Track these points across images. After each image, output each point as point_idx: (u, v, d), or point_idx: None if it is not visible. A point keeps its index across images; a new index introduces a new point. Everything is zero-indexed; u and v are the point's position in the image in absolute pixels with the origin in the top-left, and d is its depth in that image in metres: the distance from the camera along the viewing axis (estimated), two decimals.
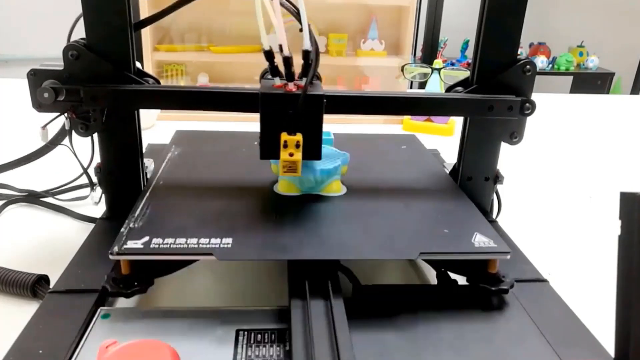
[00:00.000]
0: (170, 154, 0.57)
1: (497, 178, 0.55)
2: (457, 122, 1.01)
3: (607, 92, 2.75)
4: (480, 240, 0.41)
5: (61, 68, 0.45)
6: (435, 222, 0.44)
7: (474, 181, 0.54)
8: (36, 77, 0.45)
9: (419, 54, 2.58)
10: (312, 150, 0.44)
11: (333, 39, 1.10)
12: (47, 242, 0.54)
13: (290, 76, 0.43)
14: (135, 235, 0.39)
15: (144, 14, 0.97)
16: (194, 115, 1.05)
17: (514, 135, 0.52)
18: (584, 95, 1.44)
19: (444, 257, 0.41)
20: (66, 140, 0.49)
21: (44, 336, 0.35)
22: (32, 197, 0.62)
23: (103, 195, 0.52)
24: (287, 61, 0.42)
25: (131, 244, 0.38)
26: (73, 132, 0.48)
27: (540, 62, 2.73)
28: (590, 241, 0.61)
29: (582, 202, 0.72)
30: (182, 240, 0.39)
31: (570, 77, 2.83)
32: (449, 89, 0.53)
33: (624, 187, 0.48)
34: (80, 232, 0.55)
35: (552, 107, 1.27)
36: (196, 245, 0.38)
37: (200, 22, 1.10)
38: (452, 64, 2.30)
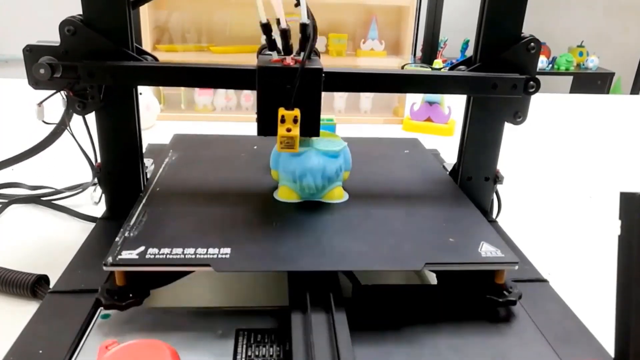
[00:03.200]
0: (168, 159, 0.56)
1: (497, 178, 0.54)
2: (457, 122, 1.01)
3: (607, 92, 2.75)
4: (487, 249, 0.40)
5: (58, 44, 0.44)
6: (441, 230, 0.43)
7: (474, 181, 0.54)
8: (32, 54, 0.44)
9: (419, 54, 2.57)
10: (311, 126, 0.43)
11: (333, 39, 1.10)
12: (48, 242, 0.54)
13: (287, 49, 0.42)
14: (130, 245, 0.38)
15: (144, 12, 0.97)
16: (194, 116, 1.05)
17: (518, 114, 0.51)
18: (584, 95, 1.44)
19: (449, 268, 0.39)
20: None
21: (44, 336, 0.35)
22: (35, 197, 0.62)
23: (103, 195, 0.52)
24: (285, 34, 0.42)
25: (126, 255, 0.36)
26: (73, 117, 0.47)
27: (540, 62, 2.73)
28: (590, 241, 0.61)
29: (582, 202, 0.72)
30: (179, 250, 0.37)
31: (570, 77, 2.82)
32: (452, 68, 0.52)
33: (624, 187, 0.48)
34: (80, 232, 0.55)
35: (552, 107, 1.27)
36: (193, 256, 0.37)
37: (200, 22, 1.10)
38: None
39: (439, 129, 1.01)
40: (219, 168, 0.55)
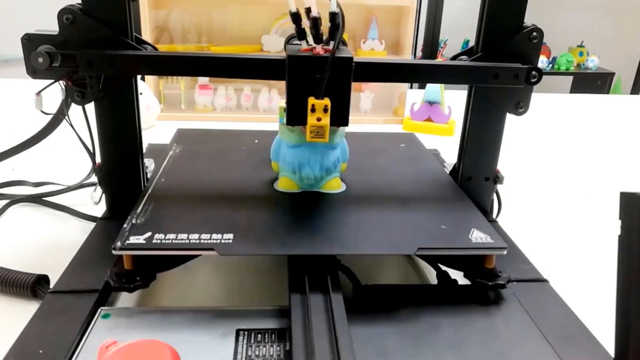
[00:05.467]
0: (172, 152, 0.58)
1: (497, 178, 0.54)
2: (457, 122, 1.01)
3: (607, 92, 2.75)
4: (478, 236, 0.42)
5: (57, 33, 0.44)
6: (433, 219, 0.45)
7: (474, 181, 0.54)
8: (30, 43, 0.43)
9: (419, 53, 2.57)
10: (340, 115, 0.43)
11: None
12: (48, 242, 0.54)
13: (318, 38, 0.42)
14: (137, 231, 0.39)
15: (144, 12, 0.97)
16: (194, 116, 1.05)
17: (520, 105, 0.50)
18: (584, 95, 1.44)
19: (441, 253, 0.41)
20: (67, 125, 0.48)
21: (44, 336, 0.35)
22: (35, 197, 0.62)
23: (103, 195, 0.52)
24: (316, 22, 0.41)
25: (134, 239, 0.38)
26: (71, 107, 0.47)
27: (540, 62, 2.73)
28: (590, 241, 0.61)
29: (582, 202, 0.72)
30: (184, 235, 0.39)
31: (570, 77, 2.82)
32: (454, 58, 0.52)
33: (624, 187, 0.48)
34: (80, 232, 0.55)
35: (552, 107, 1.27)
36: (198, 241, 0.39)
37: (200, 22, 1.10)
38: None
39: (439, 129, 1.01)
40: (222, 161, 0.56)
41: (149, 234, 0.39)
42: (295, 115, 0.43)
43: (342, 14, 0.42)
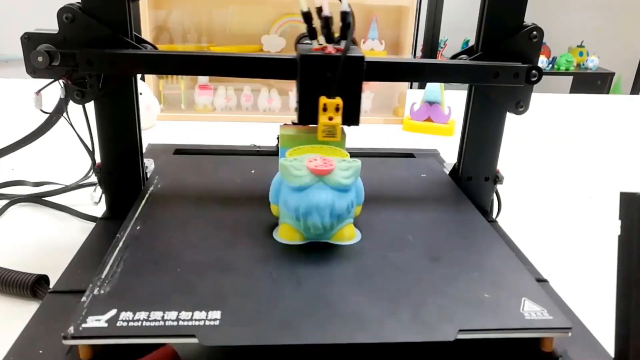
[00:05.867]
0: (153, 188, 0.50)
1: (497, 178, 0.54)
2: (457, 122, 1.01)
3: (607, 92, 2.75)
4: (531, 309, 0.33)
5: (56, 32, 0.44)
6: (472, 282, 0.37)
7: (474, 181, 0.54)
8: (30, 42, 0.44)
9: (419, 53, 2.57)
10: (351, 115, 0.43)
11: None
12: (48, 242, 0.54)
13: (330, 37, 0.42)
14: (99, 306, 0.31)
15: (144, 12, 0.97)
16: (194, 116, 1.05)
17: (520, 104, 0.50)
18: (584, 95, 1.44)
19: (488, 335, 0.32)
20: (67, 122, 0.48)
21: (44, 336, 0.35)
22: (35, 197, 0.62)
23: (103, 195, 0.52)
24: (327, 22, 0.41)
25: (92, 322, 0.30)
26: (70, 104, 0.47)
27: (540, 62, 2.72)
28: (590, 241, 0.60)
29: (582, 202, 0.72)
30: (159, 314, 0.31)
31: (570, 77, 2.82)
32: (454, 57, 0.52)
33: (624, 187, 0.48)
34: (80, 232, 0.55)
35: (552, 107, 1.27)
36: (175, 323, 0.30)
37: (200, 22, 1.10)
38: None
39: (439, 129, 1.01)
40: (210, 200, 0.49)
41: (113, 311, 0.31)
42: (306, 114, 0.43)
43: (352, 13, 0.42)
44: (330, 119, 0.42)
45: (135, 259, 0.38)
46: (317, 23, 0.42)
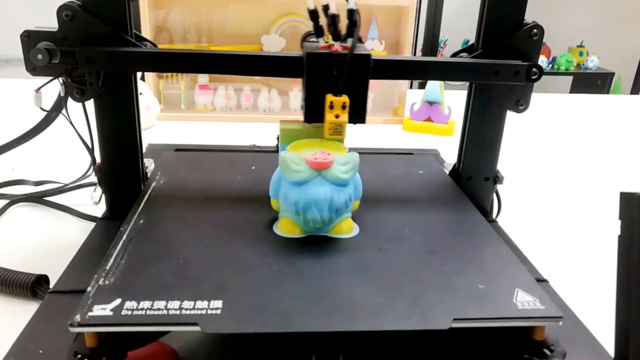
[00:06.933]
0: (155, 184, 0.51)
1: (497, 178, 0.54)
2: (457, 122, 1.01)
3: (607, 92, 2.75)
4: (524, 299, 0.34)
5: (56, 30, 0.44)
6: (467, 273, 0.38)
7: (473, 181, 0.54)
8: (30, 39, 0.43)
9: (418, 53, 2.57)
10: (358, 112, 0.43)
11: None
12: (48, 242, 0.54)
13: (337, 35, 0.42)
14: (104, 296, 0.32)
15: (144, 11, 0.97)
16: (194, 116, 1.05)
17: (520, 102, 0.50)
18: (584, 95, 1.44)
19: (482, 324, 0.33)
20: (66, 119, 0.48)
21: (44, 336, 0.35)
22: (35, 197, 0.62)
23: (103, 195, 0.52)
24: (334, 20, 0.42)
25: (98, 311, 0.31)
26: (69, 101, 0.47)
27: (540, 62, 2.72)
28: (590, 241, 0.61)
29: (582, 202, 0.72)
30: (162, 303, 0.32)
31: (570, 77, 2.82)
32: (454, 56, 0.52)
33: (624, 187, 0.48)
34: (80, 232, 0.55)
35: (552, 107, 1.27)
36: (178, 312, 0.31)
37: (200, 21, 1.10)
38: None
39: (439, 129, 1.01)
40: (211, 195, 0.50)
41: (118, 301, 0.32)
42: (313, 112, 0.43)
43: (359, 11, 0.42)
44: (337, 116, 0.42)
45: (138, 251, 0.38)
46: (323, 21, 0.42)
